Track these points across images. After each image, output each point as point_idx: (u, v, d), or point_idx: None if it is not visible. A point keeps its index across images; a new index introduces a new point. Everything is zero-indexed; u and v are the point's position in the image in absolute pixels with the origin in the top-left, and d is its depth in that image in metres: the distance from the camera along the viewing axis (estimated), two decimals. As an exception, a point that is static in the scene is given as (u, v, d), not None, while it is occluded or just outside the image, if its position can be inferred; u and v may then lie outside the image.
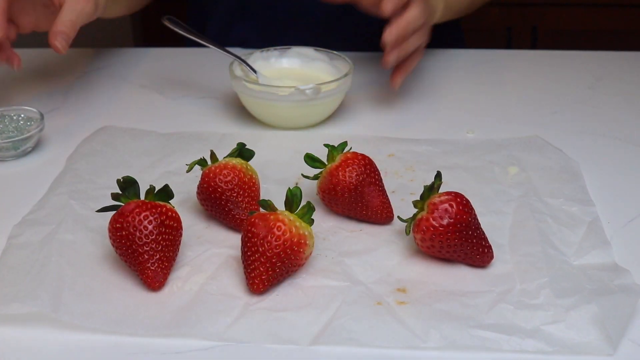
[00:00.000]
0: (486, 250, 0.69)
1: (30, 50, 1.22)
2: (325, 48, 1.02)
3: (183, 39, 1.36)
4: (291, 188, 0.68)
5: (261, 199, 0.68)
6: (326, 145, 0.77)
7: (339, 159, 0.76)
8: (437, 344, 0.62)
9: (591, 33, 1.86)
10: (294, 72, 1.02)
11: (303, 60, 1.03)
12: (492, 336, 0.62)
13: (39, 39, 2.28)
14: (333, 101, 0.95)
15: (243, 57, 0.99)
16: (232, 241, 0.73)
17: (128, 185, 0.69)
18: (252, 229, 0.66)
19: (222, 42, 1.11)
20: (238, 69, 0.98)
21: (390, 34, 0.91)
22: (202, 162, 0.76)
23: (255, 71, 0.98)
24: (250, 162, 0.88)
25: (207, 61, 1.02)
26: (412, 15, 0.92)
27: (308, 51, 1.03)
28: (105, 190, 0.78)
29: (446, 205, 0.68)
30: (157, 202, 0.69)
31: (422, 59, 1.18)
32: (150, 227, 0.67)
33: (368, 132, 0.95)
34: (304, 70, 1.02)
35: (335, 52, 1.02)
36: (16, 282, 0.67)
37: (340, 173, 0.75)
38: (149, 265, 0.67)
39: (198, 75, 1.07)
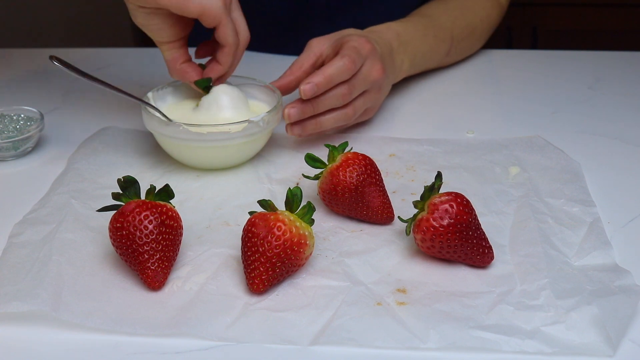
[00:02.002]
0: (486, 250, 0.69)
1: (30, 50, 1.22)
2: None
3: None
4: (291, 188, 0.68)
5: (262, 199, 0.68)
6: (327, 145, 0.77)
7: (339, 159, 0.76)
8: (436, 344, 0.62)
9: (591, 33, 1.86)
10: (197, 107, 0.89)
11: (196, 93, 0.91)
12: (492, 337, 0.62)
13: (40, 39, 2.29)
14: (273, 124, 0.86)
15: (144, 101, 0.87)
16: (232, 241, 0.73)
17: (129, 184, 0.69)
18: (252, 229, 0.66)
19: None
20: (151, 117, 0.84)
21: (305, 84, 0.83)
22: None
23: (169, 119, 0.85)
24: (251, 162, 0.88)
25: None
26: (337, 66, 0.85)
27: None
28: (106, 190, 0.79)
29: (446, 205, 0.68)
30: (157, 201, 0.69)
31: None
32: (150, 226, 0.67)
33: (369, 132, 0.95)
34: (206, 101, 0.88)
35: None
36: (16, 281, 0.67)
37: (340, 173, 0.75)
38: (149, 264, 0.67)
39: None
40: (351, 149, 0.78)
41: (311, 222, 0.68)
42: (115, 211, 0.68)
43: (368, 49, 0.89)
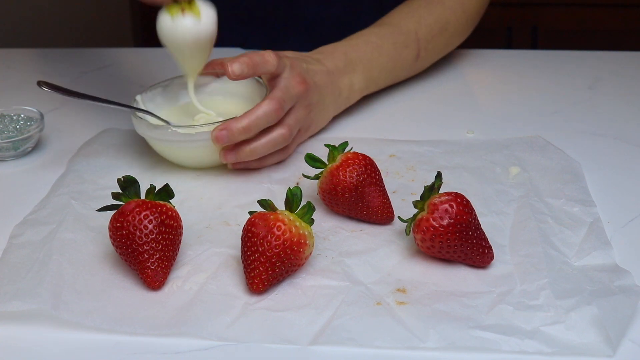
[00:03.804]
0: (486, 250, 0.69)
1: (30, 50, 1.22)
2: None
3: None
4: (291, 188, 0.68)
5: (262, 198, 0.68)
6: (327, 145, 0.77)
7: (339, 159, 0.76)
8: (436, 344, 0.62)
9: (591, 33, 1.86)
10: (190, 108, 0.89)
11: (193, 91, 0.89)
12: (492, 337, 0.62)
13: (40, 39, 2.30)
14: None
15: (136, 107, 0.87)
16: (232, 241, 0.73)
17: (128, 184, 0.69)
18: (252, 228, 0.66)
19: (221, 44, 1.11)
20: (139, 121, 0.85)
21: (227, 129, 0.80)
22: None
23: (164, 120, 0.86)
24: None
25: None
26: (263, 110, 0.81)
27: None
28: (107, 191, 0.79)
29: (446, 205, 0.68)
30: (157, 201, 0.69)
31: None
32: (150, 226, 0.67)
33: (369, 133, 0.95)
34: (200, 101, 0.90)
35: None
36: (17, 280, 0.68)
37: (340, 173, 0.75)
38: (149, 264, 0.67)
39: (198, 75, 1.08)
40: (351, 149, 0.78)
41: (311, 222, 0.68)
42: (115, 211, 0.68)
43: (298, 86, 0.85)
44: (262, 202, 0.68)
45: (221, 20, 0.85)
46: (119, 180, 0.69)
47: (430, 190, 0.70)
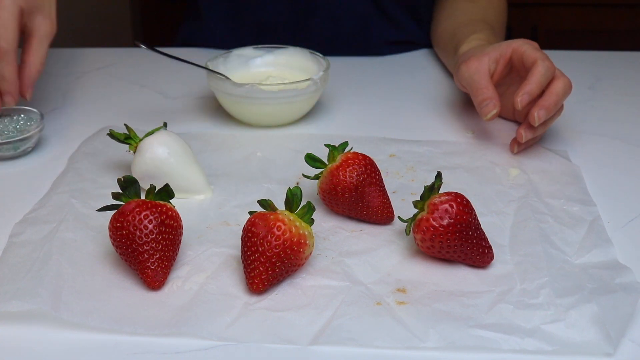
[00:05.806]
0: (486, 250, 0.69)
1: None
2: (321, 54, 1.00)
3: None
4: (291, 188, 0.68)
5: (262, 198, 0.68)
6: (327, 145, 0.77)
7: (339, 159, 0.76)
8: (436, 344, 0.62)
9: (591, 33, 1.86)
10: (261, 74, 1.02)
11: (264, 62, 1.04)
12: (492, 336, 0.62)
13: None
14: (325, 83, 0.97)
15: (212, 67, 0.98)
16: (232, 241, 0.73)
17: (129, 184, 0.69)
18: (252, 228, 0.66)
19: (217, 47, 1.12)
20: (224, 81, 0.95)
21: (539, 117, 0.84)
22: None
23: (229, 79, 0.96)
24: (251, 162, 0.88)
25: (207, 61, 1.03)
26: (559, 87, 0.86)
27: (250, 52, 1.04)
28: (107, 190, 0.79)
29: (446, 205, 0.68)
30: (157, 201, 0.69)
31: (424, 59, 1.18)
32: (150, 226, 0.67)
33: (369, 132, 0.95)
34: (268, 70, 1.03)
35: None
36: (16, 280, 0.67)
37: (340, 173, 0.75)
38: (149, 264, 0.67)
39: (198, 75, 1.08)
40: (351, 149, 0.78)
41: (311, 222, 0.68)
42: (115, 211, 0.68)
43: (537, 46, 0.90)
44: (262, 202, 0.68)
45: (232, 33, 0.86)
46: (119, 180, 0.69)
47: (430, 190, 0.70)
